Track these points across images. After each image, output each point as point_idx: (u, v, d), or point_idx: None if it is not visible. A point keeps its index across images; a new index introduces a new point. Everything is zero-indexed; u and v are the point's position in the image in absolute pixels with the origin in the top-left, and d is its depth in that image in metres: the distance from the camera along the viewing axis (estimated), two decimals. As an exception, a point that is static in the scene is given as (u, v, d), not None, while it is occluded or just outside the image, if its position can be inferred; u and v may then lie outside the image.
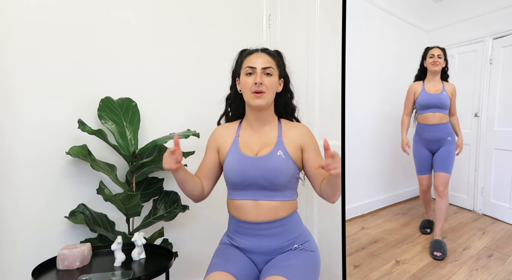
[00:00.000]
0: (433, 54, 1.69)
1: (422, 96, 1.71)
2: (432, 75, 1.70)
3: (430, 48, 1.71)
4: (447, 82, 1.71)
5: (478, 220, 1.61)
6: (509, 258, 1.45)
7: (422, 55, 1.72)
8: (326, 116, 1.99)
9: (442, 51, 1.69)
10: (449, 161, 1.68)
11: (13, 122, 1.60)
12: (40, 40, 1.65)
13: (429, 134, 1.72)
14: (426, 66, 1.71)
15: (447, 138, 1.69)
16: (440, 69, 1.69)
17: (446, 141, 1.70)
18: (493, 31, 1.50)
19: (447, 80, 1.70)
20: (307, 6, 2.06)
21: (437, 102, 1.69)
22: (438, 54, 1.68)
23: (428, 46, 1.71)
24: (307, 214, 2.12)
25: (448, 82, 1.71)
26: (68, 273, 1.41)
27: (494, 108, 1.52)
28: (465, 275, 1.47)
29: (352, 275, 1.59)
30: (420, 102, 1.72)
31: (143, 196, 1.80)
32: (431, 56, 1.69)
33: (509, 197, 1.48)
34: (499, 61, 1.50)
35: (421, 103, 1.71)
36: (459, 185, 1.66)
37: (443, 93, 1.69)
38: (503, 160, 1.50)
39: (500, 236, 1.53)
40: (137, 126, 1.79)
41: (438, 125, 1.69)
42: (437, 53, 1.68)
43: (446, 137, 1.69)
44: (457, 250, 1.59)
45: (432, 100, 1.69)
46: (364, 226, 1.77)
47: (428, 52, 1.71)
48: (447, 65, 1.70)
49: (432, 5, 1.74)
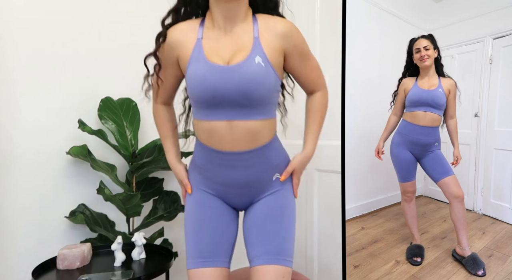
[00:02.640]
0: (419, 47, 1.47)
1: (413, 91, 1.52)
2: (424, 71, 1.51)
3: (415, 40, 1.49)
4: (445, 77, 1.50)
5: (478, 220, 1.61)
6: (509, 258, 1.45)
7: (407, 49, 1.51)
8: (326, 116, 1.99)
9: (428, 40, 1.46)
10: (445, 163, 1.55)
11: (13, 122, 1.60)
12: (40, 40, 1.65)
13: (417, 137, 1.54)
14: (415, 62, 1.51)
15: (435, 144, 1.53)
16: (431, 63, 1.48)
17: (433, 147, 1.54)
18: (493, 31, 1.49)
19: (443, 73, 1.51)
20: (307, 6, 2.06)
21: (429, 99, 1.48)
22: (424, 46, 1.45)
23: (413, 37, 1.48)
24: (307, 214, 2.12)
25: (447, 77, 1.51)
26: (68, 273, 1.41)
27: (494, 108, 1.52)
28: (465, 275, 1.47)
29: (352, 275, 1.59)
30: (410, 97, 1.53)
31: (143, 196, 1.80)
32: (417, 50, 1.48)
33: (509, 197, 1.48)
34: (499, 61, 1.49)
35: (411, 99, 1.53)
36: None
37: (438, 89, 1.48)
38: (503, 160, 1.50)
39: (500, 236, 1.52)
40: (137, 126, 1.79)
41: (429, 128, 1.51)
42: (423, 45, 1.45)
43: (434, 143, 1.53)
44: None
45: (423, 96, 1.49)
46: (364, 226, 1.77)
47: (413, 46, 1.49)
48: (439, 54, 1.47)
49: (432, 5, 1.74)
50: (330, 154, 1.93)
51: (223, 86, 1.00)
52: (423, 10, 1.77)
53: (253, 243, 1.10)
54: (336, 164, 1.85)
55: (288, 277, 1.07)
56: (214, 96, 1.01)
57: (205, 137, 1.07)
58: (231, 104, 1.02)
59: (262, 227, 1.09)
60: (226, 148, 1.05)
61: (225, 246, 1.11)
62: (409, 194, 1.63)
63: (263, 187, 1.12)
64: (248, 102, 1.01)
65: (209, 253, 1.08)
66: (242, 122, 1.03)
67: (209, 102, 1.02)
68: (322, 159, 2.02)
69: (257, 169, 1.09)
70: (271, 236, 1.08)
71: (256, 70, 1.00)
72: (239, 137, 1.04)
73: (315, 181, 2.07)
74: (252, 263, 1.08)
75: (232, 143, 1.04)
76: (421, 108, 1.52)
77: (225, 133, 1.03)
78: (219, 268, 1.08)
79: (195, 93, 1.03)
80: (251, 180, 1.10)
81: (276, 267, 1.05)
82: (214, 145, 1.06)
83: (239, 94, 1.00)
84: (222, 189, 1.12)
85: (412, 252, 1.59)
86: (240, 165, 1.07)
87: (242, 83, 0.99)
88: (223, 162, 1.07)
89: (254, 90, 1.00)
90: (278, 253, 1.06)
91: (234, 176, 1.09)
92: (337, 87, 1.61)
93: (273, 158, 1.11)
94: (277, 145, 1.13)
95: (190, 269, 1.08)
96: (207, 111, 1.04)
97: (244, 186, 1.11)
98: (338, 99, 1.62)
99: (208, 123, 1.05)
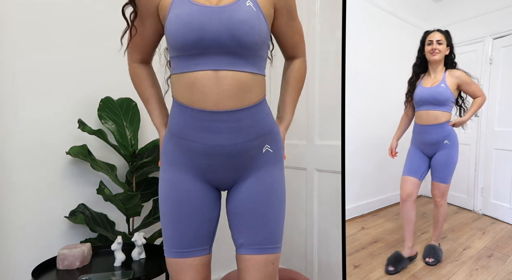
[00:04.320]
0: (431, 40, 1.43)
1: (416, 92, 1.52)
2: (432, 66, 1.47)
3: (429, 33, 1.46)
4: (452, 70, 1.45)
5: (478, 220, 1.61)
6: (509, 258, 1.45)
7: (421, 40, 1.47)
8: (326, 116, 1.99)
9: (443, 35, 1.43)
10: (446, 169, 1.50)
11: (13, 122, 1.60)
12: (40, 40, 1.65)
13: (422, 136, 1.52)
14: (426, 54, 1.48)
15: (444, 142, 1.47)
16: (441, 59, 1.43)
17: (443, 145, 1.48)
18: (493, 31, 1.49)
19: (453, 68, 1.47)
20: (307, 6, 2.06)
21: (430, 97, 1.45)
22: (437, 40, 1.42)
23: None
24: (307, 214, 2.12)
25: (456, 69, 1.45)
26: (68, 273, 1.41)
27: (494, 108, 1.52)
28: (465, 275, 1.47)
29: (352, 275, 1.59)
30: (414, 98, 1.52)
31: (143, 196, 1.80)
32: (429, 42, 1.44)
33: (509, 197, 1.48)
34: (499, 61, 1.49)
35: (415, 99, 1.51)
36: (459, 185, 1.66)
37: (440, 85, 1.44)
38: (503, 160, 1.50)
39: (500, 236, 1.52)
40: (137, 126, 1.79)
41: (432, 126, 1.49)
42: (436, 38, 1.42)
43: (443, 141, 1.47)
44: (457, 250, 1.59)
45: (424, 95, 1.47)
46: (364, 226, 1.77)
47: (426, 38, 1.46)
48: (452, 51, 1.43)
49: (432, 5, 1.74)
50: (330, 154, 1.93)
51: (211, 27, 0.90)
52: (423, 10, 1.76)
53: (241, 230, 1.03)
54: (336, 164, 1.85)
55: (277, 263, 1.05)
56: (200, 39, 0.90)
57: (186, 94, 0.94)
58: (219, 50, 0.91)
59: (250, 214, 1.01)
60: (210, 106, 0.92)
61: (206, 235, 1.04)
62: (405, 191, 1.54)
63: (251, 160, 1.00)
64: (238, 47, 0.91)
65: (188, 244, 1.01)
66: (230, 73, 0.92)
67: (194, 47, 0.91)
68: (322, 159, 2.02)
69: (245, 135, 0.97)
70: (259, 224, 1.01)
71: (247, 12, 0.92)
72: (226, 91, 0.92)
73: (315, 181, 2.07)
74: (239, 250, 1.03)
75: (217, 99, 0.92)
76: (423, 107, 1.50)
77: (210, 86, 0.91)
78: (199, 257, 1.02)
79: (178, 38, 0.91)
80: (238, 149, 0.97)
81: (265, 256, 1.01)
82: (196, 103, 0.93)
83: (229, 37, 0.90)
84: (204, 163, 0.99)
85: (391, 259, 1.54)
86: (226, 128, 0.94)
87: (233, 25, 0.90)
88: (206, 125, 0.94)
89: (245, 34, 0.91)
90: (267, 242, 1.02)
91: (218, 143, 0.95)
92: (337, 87, 1.62)
93: (263, 123, 1.00)
94: (267, 109, 1.03)
95: (169, 258, 1.03)
96: (190, 61, 0.93)
97: (230, 156, 0.97)
98: (338, 99, 1.62)
99: (191, 75, 0.93)
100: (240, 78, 0.93)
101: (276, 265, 1.04)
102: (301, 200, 2.16)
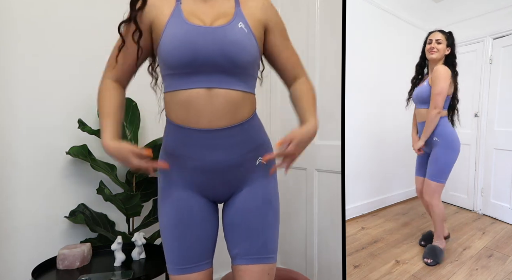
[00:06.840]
0: (431, 39, 1.48)
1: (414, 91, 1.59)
2: (431, 64, 1.51)
3: (432, 32, 1.52)
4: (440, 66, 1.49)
5: (478, 220, 1.61)
6: (509, 258, 1.45)
7: (424, 40, 1.53)
8: (326, 116, 1.99)
9: (444, 35, 1.47)
10: (434, 166, 1.52)
11: (13, 122, 1.60)
12: (40, 40, 1.65)
13: (419, 133, 1.58)
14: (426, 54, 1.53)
15: (433, 138, 1.51)
16: (439, 58, 1.47)
17: (433, 142, 1.52)
18: (493, 31, 1.49)
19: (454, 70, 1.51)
20: (307, 6, 2.06)
21: (416, 96, 1.53)
22: (437, 39, 1.46)
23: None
24: (307, 214, 2.12)
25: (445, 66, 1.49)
26: (68, 273, 1.41)
27: (494, 108, 1.52)
28: (465, 275, 1.47)
29: (352, 275, 1.59)
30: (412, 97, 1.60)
31: (143, 196, 1.80)
32: (429, 41, 1.49)
33: (509, 197, 1.48)
34: (499, 61, 1.49)
35: (412, 98, 1.60)
36: (459, 185, 1.66)
37: (424, 83, 1.50)
38: (503, 160, 1.50)
39: (500, 236, 1.52)
40: (137, 126, 1.79)
41: (422, 124, 1.55)
42: (435, 38, 1.46)
43: (432, 137, 1.51)
44: (457, 250, 1.59)
45: (414, 94, 1.55)
46: (364, 226, 1.77)
47: (428, 37, 1.52)
48: (453, 51, 1.46)
49: (432, 5, 1.74)
50: (330, 154, 1.93)
51: (206, 47, 0.94)
52: (423, 10, 1.77)
53: (235, 241, 1.04)
54: (336, 164, 1.85)
55: (272, 273, 1.06)
56: (194, 58, 0.93)
57: (180, 113, 0.97)
58: (212, 69, 0.95)
59: (244, 225, 1.04)
60: (204, 124, 0.96)
61: (207, 249, 1.06)
62: (416, 190, 1.62)
63: (246, 173, 1.03)
64: (231, 66, 0.95)
65: (192, 259, 1.03)
66: (223, 91, 0.96)
67: (189, 66, 0.94)
68: (322, 159, 2.02)
69: (239, 149, 1.00)
70: (254, 234, 1.03)
71: (239, 34, 0.96)
72: (219, 109, 0.95)
73: (315, 181, 2.07)
74: (234, 261, 1.05)
75: (211, 117, 0.95)
76: (417, 105, 1.59)
77: (204, 104, 0.95)
78: (203, 272, 1.05)
79: (174, 56, 0.94)
80: (233, 164, 1.00)
81: (261, 266, 1.03)
82: (191, 122, 0.96)
83: (222, 56, 0.94)
84: (201, 180, 1.01)
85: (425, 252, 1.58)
86: (220, 144, 0.98)
87: (226, 45, 0.94)
88: (201, 142, 0.97)
89: (238, 54, 0.95)
90: (262, 252, 1.03)
91: (214, 159, 0.98)
92: (337, 87, 1.62)
93: (255, 136, 1.03)
94: (258, 123, 1.06)
95: (174, 275, 1.04)
96: (184, 79, 0.96)
97: (225, 171, 1.01)
98: (338, 99, 1.62)
99: (185, 93, 0.96)
100: (232, 96, 0.97)
101: (271, 276, 1.06)
102: (301, 200, 2.16)
